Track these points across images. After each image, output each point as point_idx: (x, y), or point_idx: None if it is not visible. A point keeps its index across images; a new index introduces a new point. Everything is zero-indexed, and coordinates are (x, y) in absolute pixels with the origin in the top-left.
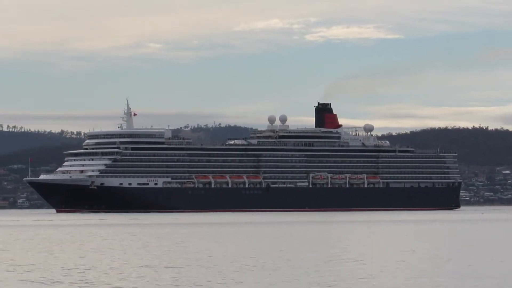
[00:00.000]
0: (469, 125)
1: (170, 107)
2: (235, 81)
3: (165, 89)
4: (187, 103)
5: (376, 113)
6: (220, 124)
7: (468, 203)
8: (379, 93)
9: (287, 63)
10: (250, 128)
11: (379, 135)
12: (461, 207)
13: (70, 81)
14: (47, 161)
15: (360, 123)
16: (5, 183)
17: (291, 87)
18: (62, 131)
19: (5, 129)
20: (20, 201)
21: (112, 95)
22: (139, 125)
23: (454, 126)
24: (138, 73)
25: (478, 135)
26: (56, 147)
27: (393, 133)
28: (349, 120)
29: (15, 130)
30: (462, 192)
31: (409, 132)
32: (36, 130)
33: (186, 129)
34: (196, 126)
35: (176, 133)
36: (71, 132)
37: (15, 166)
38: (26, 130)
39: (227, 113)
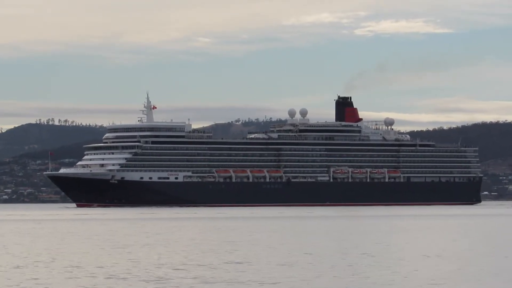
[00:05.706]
0: None
1: (220, 101)
2: (285, 75)
3: (214, 83)
4: (237, 97)
5: (424, 106)
6: (271, 118)
7: None
8: (427, 86)
9: (337, 57)
10: None
11: (431, 129)
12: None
13: (122, 74)
14: None
15: (407, 117)
16: None
17: (340, 81)
18: None
19: (56, 123)
20: None
21: (161, 88)
22: (184, 119)
23: (506, 120)
24: (188, 67)
25: None
26: None
27: (444, 127)
28: (395, 114)
29: (67, 124)
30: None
31: (460, 126)
32: (87, 124)
33: (237, 123)
34: (247, 120)
35: (227, 127)
36: None
37: (66, 160)
38: (77, 124)
39: (278, 106)
